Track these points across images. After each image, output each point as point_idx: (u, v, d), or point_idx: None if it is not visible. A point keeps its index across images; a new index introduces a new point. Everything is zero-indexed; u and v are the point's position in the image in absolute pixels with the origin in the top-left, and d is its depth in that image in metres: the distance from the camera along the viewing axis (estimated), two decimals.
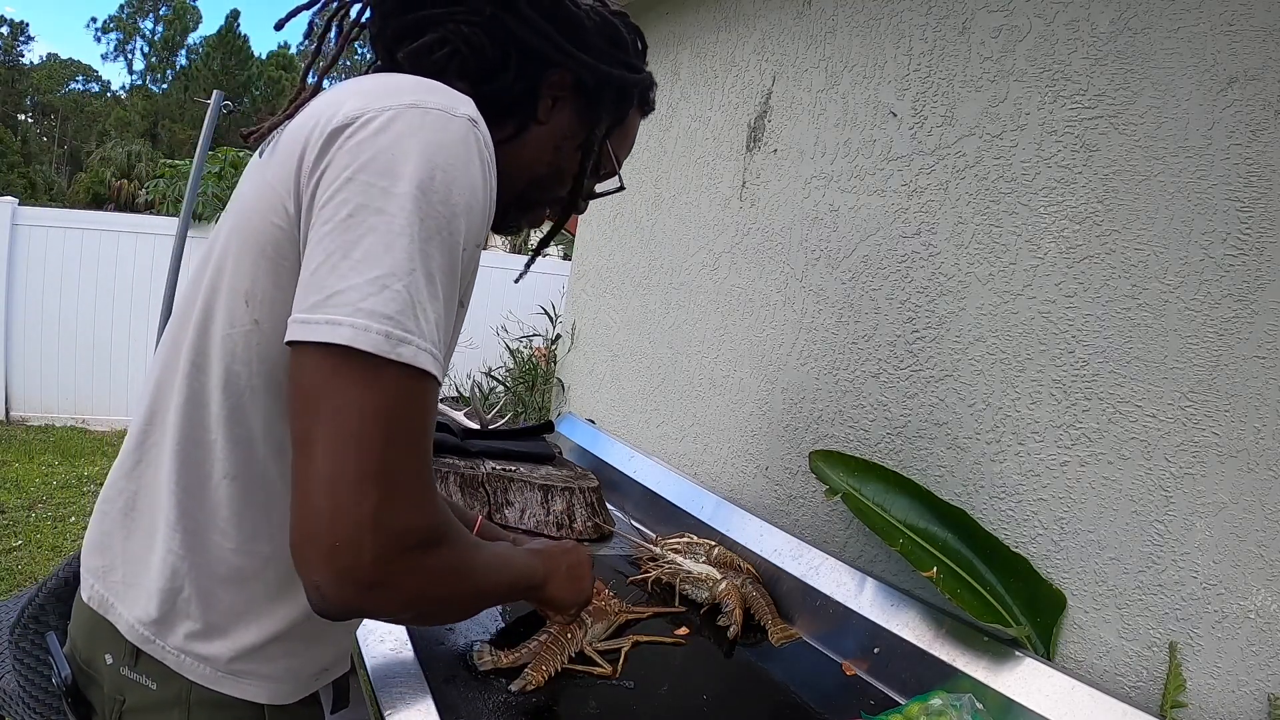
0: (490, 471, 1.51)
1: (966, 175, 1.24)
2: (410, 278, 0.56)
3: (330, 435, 0.54)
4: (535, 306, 3.90)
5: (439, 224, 0.58)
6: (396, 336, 0.55)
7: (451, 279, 0.60)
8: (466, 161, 0.60)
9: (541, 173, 0.81)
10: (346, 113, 0.60)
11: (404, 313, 0.55)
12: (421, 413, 0.58)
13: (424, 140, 0.58)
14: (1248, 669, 0.89)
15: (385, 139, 0.58)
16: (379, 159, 0.57)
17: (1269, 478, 0.89)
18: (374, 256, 0.55)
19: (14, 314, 5.31)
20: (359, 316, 0.54)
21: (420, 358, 0.56)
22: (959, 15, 1.27)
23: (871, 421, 1.37)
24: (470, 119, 0.62)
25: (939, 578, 1.09)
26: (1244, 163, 0.93)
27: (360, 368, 0.54)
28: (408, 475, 0.57)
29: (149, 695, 0.68)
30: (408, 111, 0.59)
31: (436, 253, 0.58)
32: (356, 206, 0.56)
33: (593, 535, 1.52)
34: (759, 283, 1.65)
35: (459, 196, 0.59)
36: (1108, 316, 1.04)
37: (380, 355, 0.54)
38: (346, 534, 0.54)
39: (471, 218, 0.60)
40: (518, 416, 2.66)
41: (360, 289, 0.55)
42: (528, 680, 0.93)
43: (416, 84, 0.64)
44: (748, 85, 1.75)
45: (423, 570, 0.59)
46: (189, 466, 0.67)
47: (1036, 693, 0.95)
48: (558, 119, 0.80)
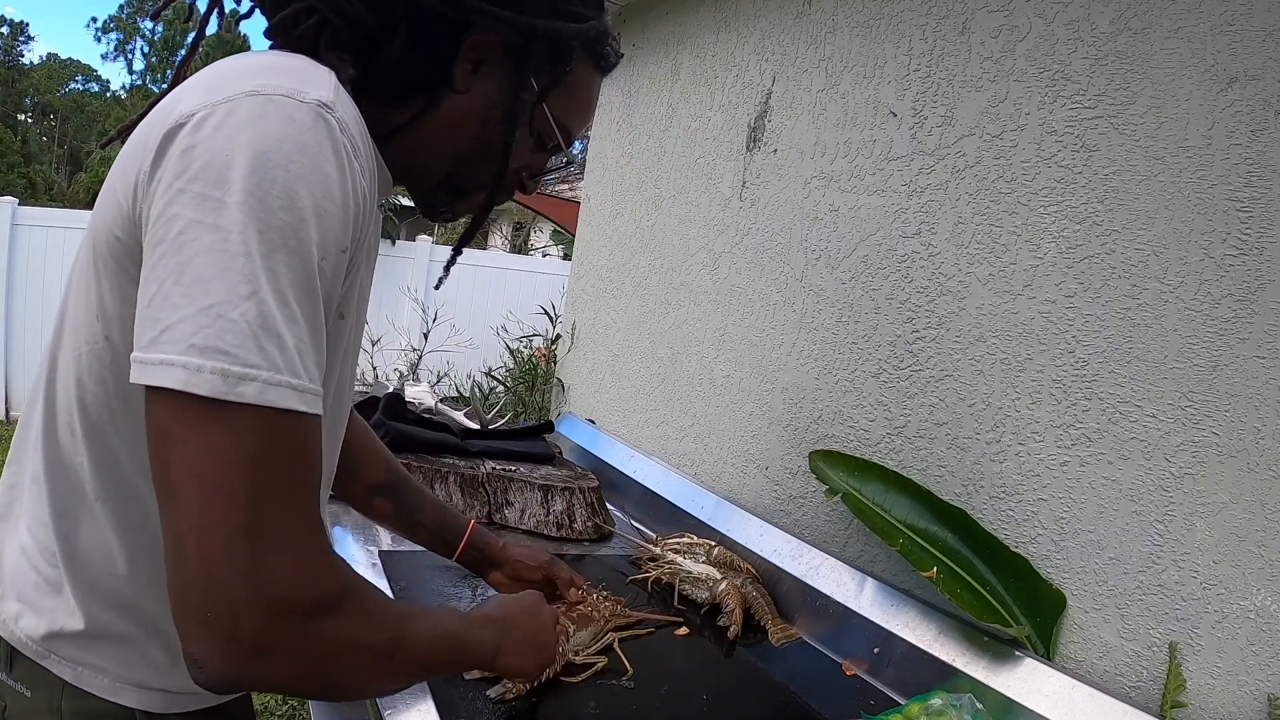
0: (490, 471, 1.51)
1: (966, 175, 1.24)
2: (250, 302, 0.48)
3: (185, 493, 0.48)
4: (535, 306, 3.90)
5: (283, 234, 0.50)
6: (235, 374, 0.48)
7: (310, 294, 0.52)
8: (316, 154, 0.52)
9: (466, 150, 0.70)
10: (182, 110, 0.52)
11: (244, 345, 0.48)
12: (287, 456, 0.51)
13: (262, 135, 0.50)
14: (1248, 669, 0.89)
15: (218, 140, 0.50)
16: (211, 164, 0.50)
17: (1269, 478, 0.89)
18: (205, 281, 0.48)
19: (14, 314, 5.31)
20: (191, 355, 0.47)
21: (270, 394, 0.49)
22: (959, 15, 1.27)
23: (871, 421, 1.37)
24: (321, 103, 0.53)
25: (939, 578, 1.09)
26: (1244, 163, 0.93)
27: (201, 414, 0.48)
28: (278, 528, 0.50)
29: (24, 702, 0.64)
30: (245, 102, 0.51)
31: (284, 268, 0.50)
32: (187, 222, 0.49)
33: (593, 535, 1.52)
34: (759, 283, 1.65)
35: (306, 199, 0.51)
36: (1108, 316, 1.04)
37: (218, 399, 0.47)
38: (219, 601, 0.48)
39: (326, 221, 0.52)
40: (518, 416, 2.66)
41: (192, 321, 0.48)
42: (507, 689, 0.89)
43: (268, 65, 0.56)
44: (748, 85, 1.75)
45: (315, 642, 0.52)
46: (63, 488, 0.63)
47: (1036, 693, 0.95)
48: (482, 86, 0.68)
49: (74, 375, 0.61)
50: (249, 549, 0.49)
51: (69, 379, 0.61)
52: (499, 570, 1.07)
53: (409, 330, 5.21)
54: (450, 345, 4.70)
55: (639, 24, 2.21)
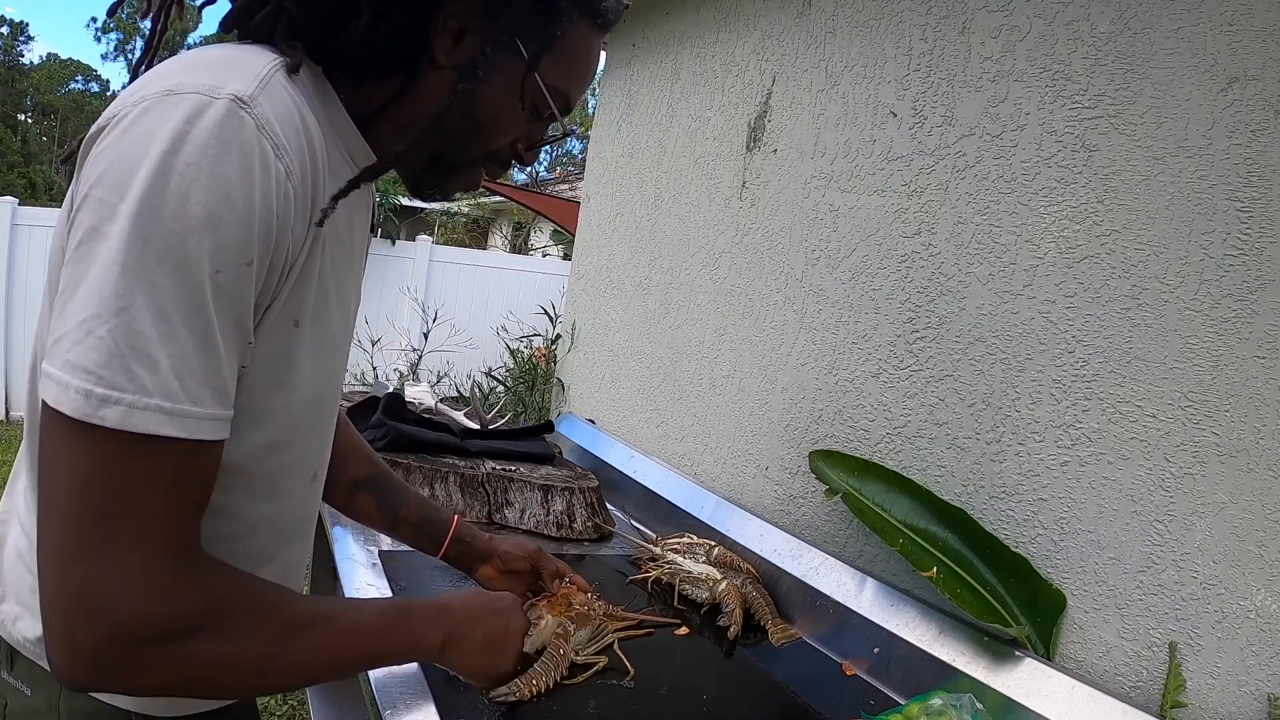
0: (490, 471, 1.51)
1: (966, 175, 1.24)
2: (120, 318, 0.46)
3: (46, 505, 0.48)
4: (535, 306, 3.90)
5: (168, 245, 0.47)
6: (99, 395, 0.46)
7: (198, 310, 0.48)
8: (217, 157, 0.48)
9: (454, 128, 0.65)
10: (105, 114, 0.51)
11: (109, 364, 0.46)
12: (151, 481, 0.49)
13: (165, 138, 0.48)
14: (1248, 669, 0.89)
15: (123, 144, 0.48)
16: (115, 168, 0.48)
17: (1269, 478, 0.89)
18: (89, 294, 0.46)
19: (14, 314, 5.32)
20: (64, 370, 0.46)
21: (134, 418, 0.47)
22: (959, 15, 1.27)
23: (871, 421, 1.37)
24: (236, 98, 0.50)
25: (939, 578, 1.09)
26: (1244, 163, 0.93)
27: (63, 431, 0.47)
28: (125, 556, 0.48)
29: (25, 700, 0.64)
30: (159, 102, 0.49)
31: (166, 281, 0.47)
32: (88, 230, 0.47)
33: (593, 535, 1.52)
34: (759, 283, 1.65)
35: (198, 207, 0.47)
36: (1108, 316, 1.04)
37: (80, 420, 0.46)
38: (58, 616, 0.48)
39: (222, 230, 0.48)
40: (518, 416, 2.66)
41: (70, 336, 0.46)
42: (513, 691, 0.87)
43: (195, 61, 0.53)
44: (748, 85, 1.75)
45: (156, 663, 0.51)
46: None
47: (1036, 693, 0.95)
48: (464, 58, 0.63)
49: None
50: (86, 572, 0.48)
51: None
52: (487, 564, 1.05)
53: (409, 330, 5.21)
54: (450, 345, 4.70)
55: (639, 24, 2.21)
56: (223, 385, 0.52)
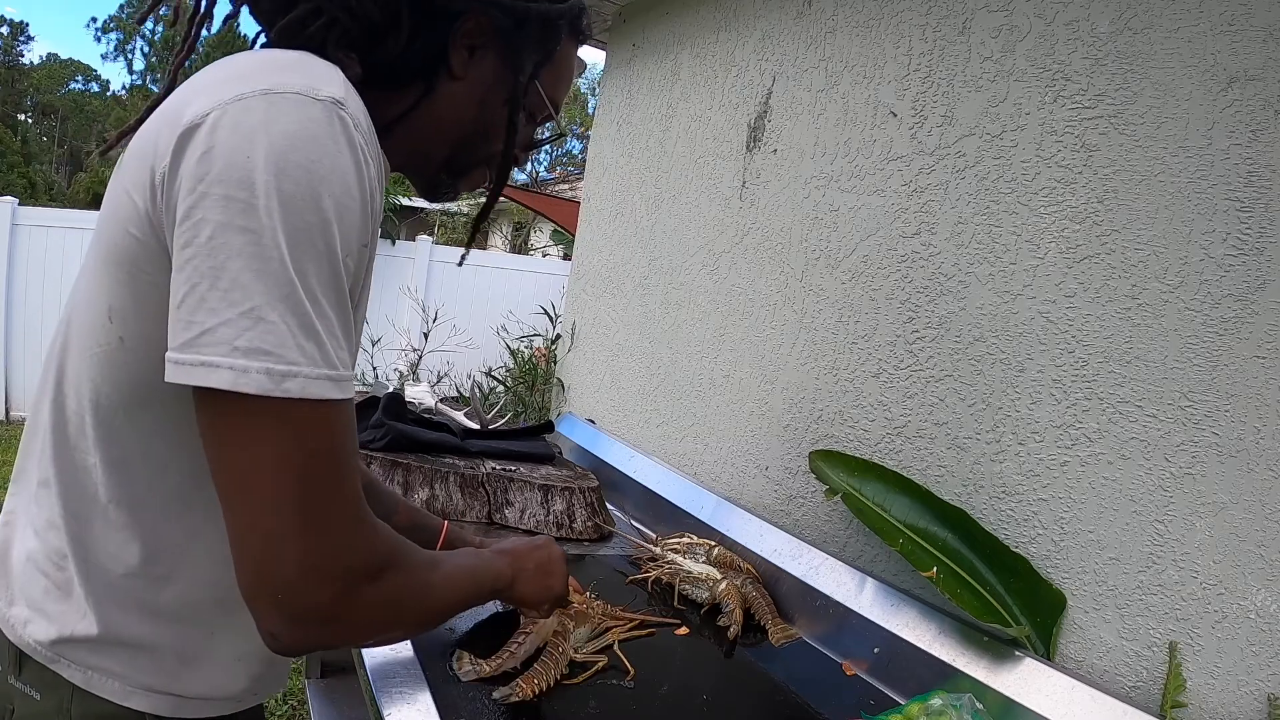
0: (490, 471, 1.51)
1: (966, 175, 1.24)
2: (286, 303, 0.51)
3: (241, 486, 0.52)
4: (535, 306, 3.90)
5: (310, 236, 0.52)
6: (280, 372, 0.51)
7: (338, 292, 0.55)
8: (334, 153, 0.53)
9: (467, 132, 0.72)
10: (195, 111, 0.53)
11: (284, 345, 0.51)
12: (329, 441, 0.54)
13: (280, 135, 0.51)
14: (1248, 669, 0.89)
15: (236, 140, 0.51)
16: (233, 167, 0.51)
17: (1269, 478, 0.89)
18: (243, 285, 0.50)
19: (14, 314, 5.31)
20: (236, 357, 0.50)
21: (311, 388, 0.52)
22: (959, 15, 1.27)
23: (871, 421, 1.37)
24: (334, 100, 0.54)
25: (939, 578, 1.09)
26: (1244, 163, 0.93)
27: (247, 411, 0.51)
28: (331, 511, 0.54)
29: (33, 706, 0.65)
30: (259, 101, 0.52)
31: (313, 268, 0.52)
32: (217, 226, 0.50)
33: (593, 535, 1.52)
34: (759, 283, 1.65)
35: (328, 199, 0.53)
36: (1108, 316, 1.04)
37: (266, 396, 0.50)
38: (285, 583, 0.53)
39: (347, 219, 0.54)
40: (518, 416, 2.66)
41: (234, 324, 0.50)
42: (515, 690, 0.89)
43: (273, 62, 0.57)
44: (748, 85, 1.75)
45: (372, 603, 0.58)
46: (73, 490, 0.63)
47: (1036, 693, 0.95)
48: (478, 71, 0.70)
49: (86, 377, 0.61)
50: (306, 533, 0.53)
51: (80, 381, 0.62)
52: None
53: (409, 330, 5.21)
54: (450, 345, 4.70)
55: (639, 24, 2.21)
56: (353, 350, 0.60)
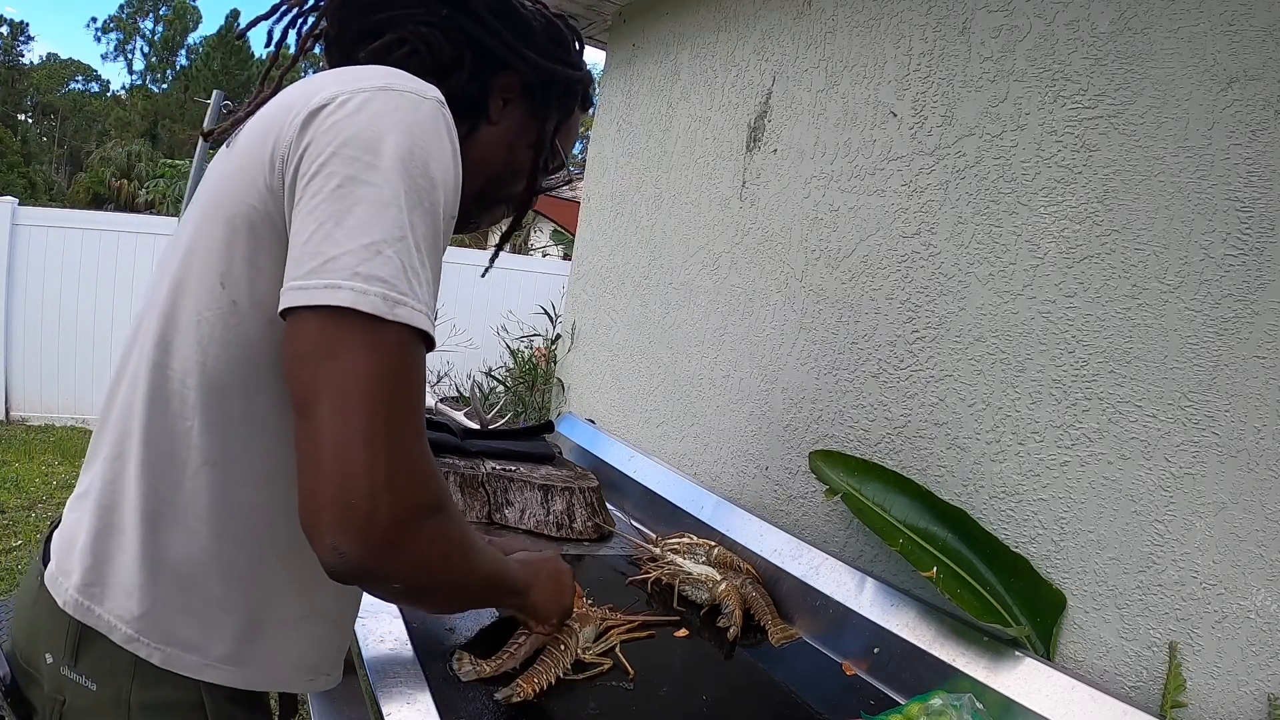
0: (490, 471, 1.51)
1: (966, 175, 1.24)
2: (401, 244, 0.58)
3: (335, 397, 0.55)
4: (535, 306, 3.90)
5: (421, 194, 0.60)
6: (393, 298, 0.57)
7: (435, 248, 0.62)
8: (440, 138, 0.63)
9: (498, 172, 0.84)
10: (323, 95, 0.62)
11: (398, 276, 0.57)
12: (418, 375, 0.60)
13: (400, 118, 0.61)
14: (1248, 669, 0.89)
15: (363, 117, 0.61)
16: (361, 135, 0.60)
17: (1269, 478, 0.89)
18: (366, 224, 0.57)
19: (14, 314, 5.31)
20: (357, 280, 0.56)
21: (417, 318, 0.58)
22: (959, 15, 1.27)
23: (871, 421, 1.37)
24: (439, 101, 0.65)
25: (939, 578, 1.09)
26: (1244, 163, 0.93)
27: (361, 329, 0.56)
28: (410, 437, 0.58)
29: (88, 696, 0.66)
30: (381, 94, 0.62)
31: (420, 222, 0.60)
32: (345, 178, 0.58)
33: (593, 535, 1.52)
34: (759, 283, 1.65)
35: (437, 170, 0.62)
36: (1108, 316, 1.04)
37: (379, 316, 0.56)
38: (360, 494, 0.55)
39: (448, 190, 0.63)
40: (518, 416, 2.66)
41: (356, 254, 0.56)
42: (516, 691, 0.90)
43: (387, 71, 0.66)
44: (748, 85, 1.75)
45: (431, 537, 0.60)
46: (161, 457, 0.66)
47: (1036, 693, 0.95)
48: (509, 119, 0.83)
49: (194, 340, 0.66)
50: (386, 451, 0.55)
51: (188, 344, 0.66)
52: None
53: None
54: (450, 345, 4.70)
55: (639, 24, 2.21)
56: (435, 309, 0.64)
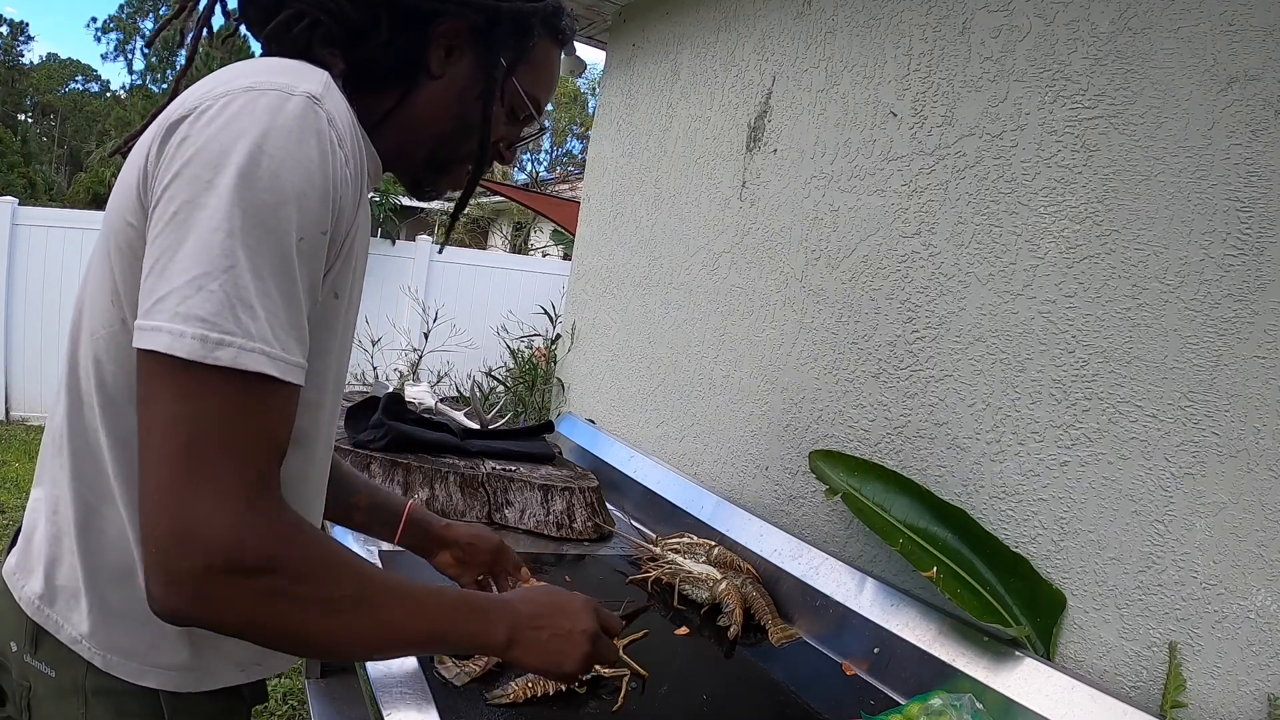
0: (490, 471, 1.51)
1: (966, 175, 1.24)
2: (228, 275, 0.53)
3: (154, 442, 0.53)
4: (535, 306, 3.90)
5: (262, 214, 0.54)
6: (213, 340, 0.52)
7: (286, 273, 0.56)
8: (300, 142, 0.56)
9: (447, 129, 0.75)
10: (185, 106, 0.58)
11: (221, 314, 0.52)
12: (253, 417, 0.55)
13: (253, 124, 0.55)
14: (1248, 669, 0.89)
15: (214, 128, 0.55)
16: (206, 149, 0.55)
17: (1269, 478, 0.89)
18: (193, 255, 0.53)
19: (14, 314, 5.31)
20: (176, 321, 0.52)
21: (244, 359, 0.53)
22: (959, 15, 1.27)
23: (871, 421, 1.37)
24: (310, 95, 0.58)
25: (939, 578, 1.09)
26: (1244, 163, 0.93)
27: (178, 374, 0.52)
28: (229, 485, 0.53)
29: (50, 683, 0.66)
30: (241, 96, 0.57)
31: (263, 246, 0.54)
32: (181, 203, 0.54)
33: (593, 535, 1.52)
34: (759, 283, 1.65)
35: (289, 183, 0.55)
36: (1108, 316, 1.04)
37: (196, 360, 0.52)
38: (159, 540, 0.52)
39: (306, 203, 0.56)
40: (518, 416, 2.66)
41: (179, 292, 0.52)
42: (507, 693, 0.89)
43: (265, 65, 0.61)
44: (748, 85, 1.75)
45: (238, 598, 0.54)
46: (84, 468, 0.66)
47: (1036, 693, 0.95)
48: (456, 69, 0.74)
49: (92, 357, 0.64)
50: (185, 502, 0.52)
51: (88, 361, 0.64)
52: (446, 551, 1.04)
53: (409, 330, 5.21)
54: (450, 345, 4.70)
55: (639, 24, 2.21)
56: (303, 338, 0.59)
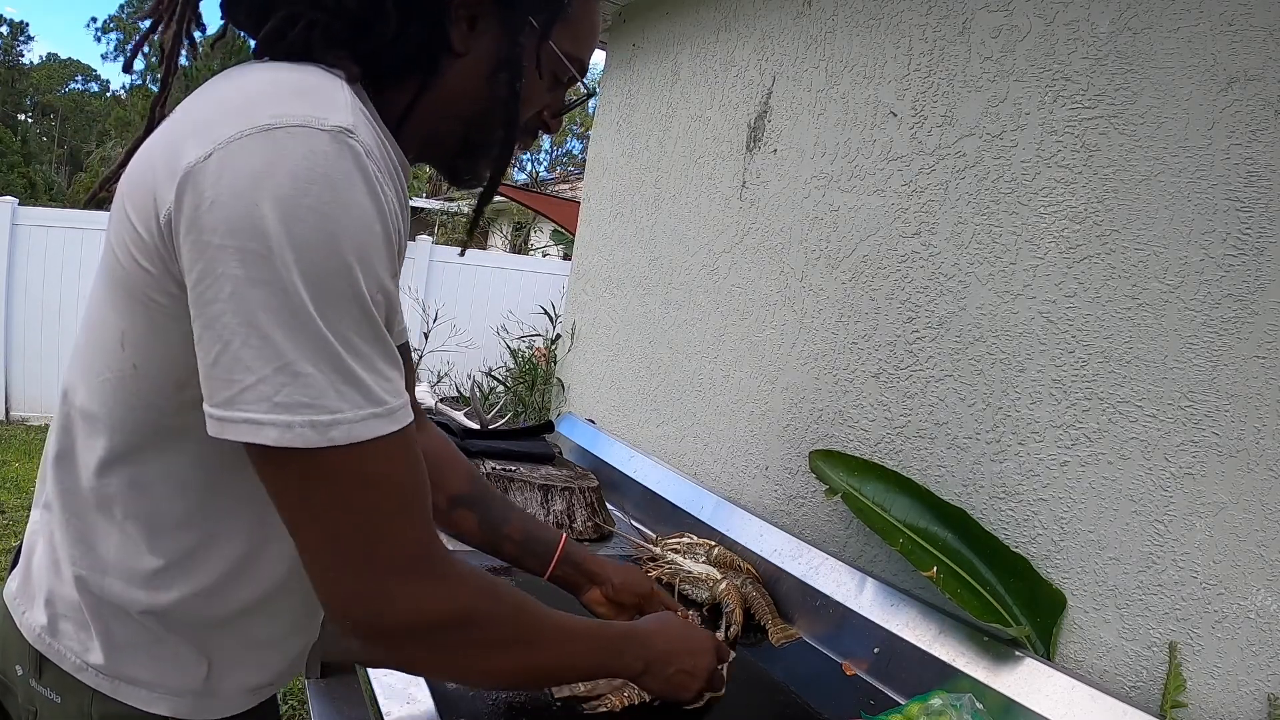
0: (490, 471, 1.51)
1: (966, 175, 1.24)
2: (320, 354, 0.50)
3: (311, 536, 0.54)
4: (535, 306, 3.90)
5: (332, 282, 0.50)
6: (324, 424, 0.50)
7: (372, 328, 0.53)
8: (346, 188, 0.50)
9: (479, 109, 0.67)
10: (194, 154, 0.50)
11: (324, 395, 0.50)
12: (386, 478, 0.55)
13: (287, 177, 0.49)
14: (1248, 669, 0.89)
15: (240, 186, 0.49)
16: (241, 217, 0.48)
17: (1269, 478, 0.89)
18: (274, 341, 0.49)
19: (14, 314, 5.31)
20: (278, 413, 0.50)
21: (358, 430, 0.52)
22: (959, 15, 1.27)
23: (871, 421, 1.37)
24: (342, 129, 0.51)
25: (939, 578, 1.09)
26: (1244, 163, 0.93)
27: (298, 463, 0.52)
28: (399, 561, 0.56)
29: (54, 708, 0.65)
30: (261, 140, 0.49)
31: (341, 313, 0.51)
32: (237, 282, 0.49)
33: (592, 535, 1.52)
34: (759, 283, 1.65)
35: (347, 240, 0.50)
36: (1108, 316, 1.04)
37: (314, 449, 0.51)
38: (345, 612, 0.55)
39: (369, 257, 0.52)
40: (518, 416, 2.66)
41: (270, 381, 0.49)
42: (604, 704, 0.91)
43: (278, 88, 0.53)
44: (748, 85, 1.75)
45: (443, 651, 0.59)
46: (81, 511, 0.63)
47: (1036, 693, 0.95)
48: (481, 43, 0.65)
49: (99, 401, 0.60)
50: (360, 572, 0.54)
51: (90, 404, 0.61)
52: (596, 589, 1.01)
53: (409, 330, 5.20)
54: (450, 345, 4.70)
55: (639, 24, 2.21)
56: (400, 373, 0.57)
